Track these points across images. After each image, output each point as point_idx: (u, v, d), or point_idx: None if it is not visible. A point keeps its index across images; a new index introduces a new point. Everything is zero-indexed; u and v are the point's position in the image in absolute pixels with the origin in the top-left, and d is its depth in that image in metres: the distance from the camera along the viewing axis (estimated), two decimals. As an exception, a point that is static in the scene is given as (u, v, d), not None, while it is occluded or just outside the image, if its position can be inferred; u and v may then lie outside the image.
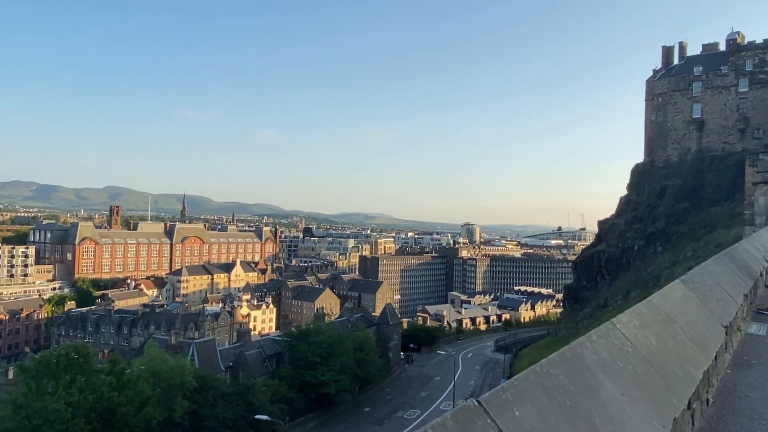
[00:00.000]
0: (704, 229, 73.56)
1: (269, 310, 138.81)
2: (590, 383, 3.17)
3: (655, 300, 5.14)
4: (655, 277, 65.92)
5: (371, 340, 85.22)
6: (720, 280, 7.69)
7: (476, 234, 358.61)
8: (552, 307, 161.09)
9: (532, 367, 2.94)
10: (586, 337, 3.68)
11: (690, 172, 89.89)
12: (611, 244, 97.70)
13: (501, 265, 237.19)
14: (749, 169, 29.06)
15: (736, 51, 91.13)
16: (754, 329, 8.49)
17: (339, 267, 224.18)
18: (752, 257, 11.39)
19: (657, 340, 4.41)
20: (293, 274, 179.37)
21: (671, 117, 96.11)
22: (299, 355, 71.29)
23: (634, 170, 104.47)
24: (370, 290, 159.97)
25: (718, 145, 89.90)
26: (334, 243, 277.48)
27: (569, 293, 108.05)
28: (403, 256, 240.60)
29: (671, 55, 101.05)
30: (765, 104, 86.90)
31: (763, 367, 6.62)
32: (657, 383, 3.81)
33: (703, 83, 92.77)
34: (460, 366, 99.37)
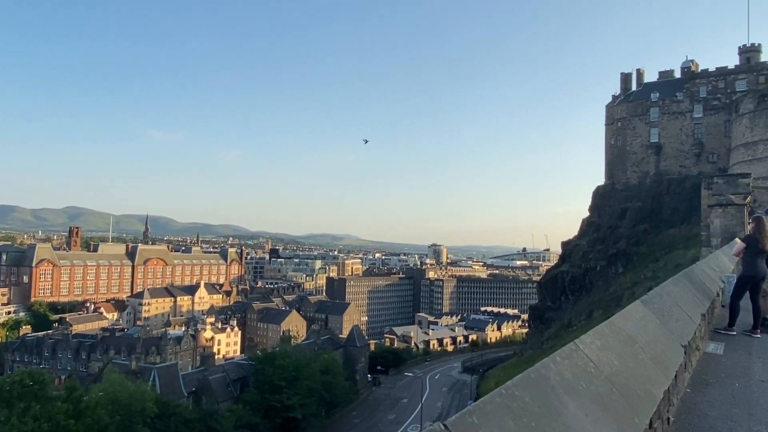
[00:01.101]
0: (663, 250, 75.56)
1: (234, 333, 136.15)
2: (555, 405, 3.21)
3: (616, 321, 5.24)
4: (617, 297, 67.24)
5: (338, 363, 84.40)
6: (678, 301, 7.90)
7: (443, 255, 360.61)
8: (518, 328, 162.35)
9: (497, 389, 2.97)
10: (550, 358, 3.73)
11: (649, 194, 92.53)
12: (574, 265, 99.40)
13: (467, 286, 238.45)
14: (705, 192, 30.09)
15: (690, 78, 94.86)
16: (712, 348, 8.73)
17: (306, 288, 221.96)
18: (709, 278, 11.74)
19: (619, 360, 4.49)
20: (259, 296, 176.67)
21: (630, 141, 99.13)
22: (264, 379, 70.00)
23: (595, 192, 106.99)
24: (337, 312, 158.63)
25: (675, 169, 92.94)
26: (300, 264, 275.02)
27: (534, 313, 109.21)
28: (370, 278, 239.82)
29: (629, 82, 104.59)
30: (718, 130, 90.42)
31: (721, 385, 6.80)
32: (619, 403, 3.88)
33: (660, 109, 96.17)
34: (427, 388, 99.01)
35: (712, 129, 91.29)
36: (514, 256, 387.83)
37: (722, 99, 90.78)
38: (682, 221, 79.76)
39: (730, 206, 28.10)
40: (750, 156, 79.71)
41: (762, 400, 6.25)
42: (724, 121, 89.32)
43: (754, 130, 79.97)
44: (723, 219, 27.66)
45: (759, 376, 7.27)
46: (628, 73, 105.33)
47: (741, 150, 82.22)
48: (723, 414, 5.76)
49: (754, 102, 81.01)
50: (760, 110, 79.52)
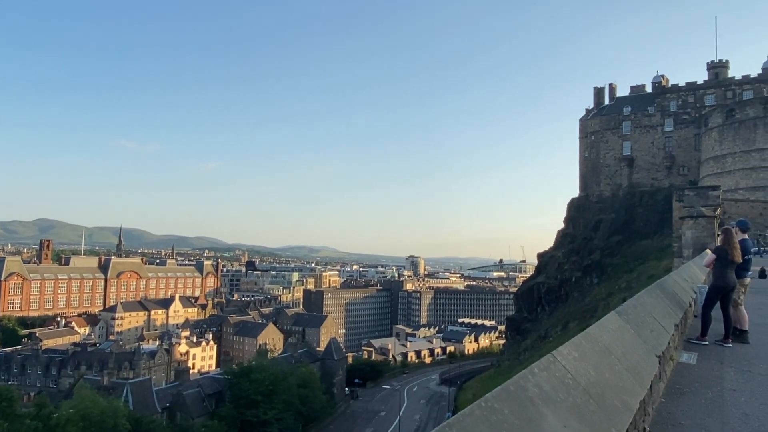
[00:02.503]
0: (637, 261, 76.77)
1: (209, 347, 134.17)
2: (533, 416, 3.22)
3: (592, 332, 5.30)
4: (592, 308, 68.02)
5: (315, 376, 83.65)
6: (652, 311, 8.02)
7: (420, 266, 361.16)
8: (495, 339, 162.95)
9: (477, 402, 2.97)
10: (528, 369, 3.75)
11: (622, 206, 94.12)
12: (550, 276, 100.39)
13: (445, 298, 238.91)
14: (676, 204, 30.75)
15: (661, 93, 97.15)
16: (685, 358, 8.87)
17: (283, 301, 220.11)
18: (681, 288, 11.96)
19: (595, 371, 4.53)
20: (235, 309, 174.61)
21: (603, 154, 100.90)
22: (240, 393, 69.02)
23: (570, 204, 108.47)
24: (315, 324, 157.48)
25: (647, 181, 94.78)
26: (277, 277, 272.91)
27: (511, 324, 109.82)
28: (348, 290, 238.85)
29: (602, 96, 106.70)
30: (689, 143, 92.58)
31: (695, 395, 6.91)
32: (597, 414, 3.91)
33: (632, 123, 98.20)
34: (405, 400, 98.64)
35: (682, 142, 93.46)
36: (491, 268, 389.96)
37: (692, 113, 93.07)
38: (655, 233, 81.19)
39: (700, 218, 28.75)
40: (719, 169, 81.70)
41: (734, 408, 6.36)
42: (694, 135, 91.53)
43: (723, 143, 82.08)
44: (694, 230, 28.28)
45: (731, 385, 7.39)
46: (601, 88, 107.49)
47: (710, 163, 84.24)
48: (697, 423, 5.85)
49: (722, 116, 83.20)
50: (728, 124, 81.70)
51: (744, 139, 79.07)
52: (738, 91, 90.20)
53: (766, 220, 60.51)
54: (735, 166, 79.52)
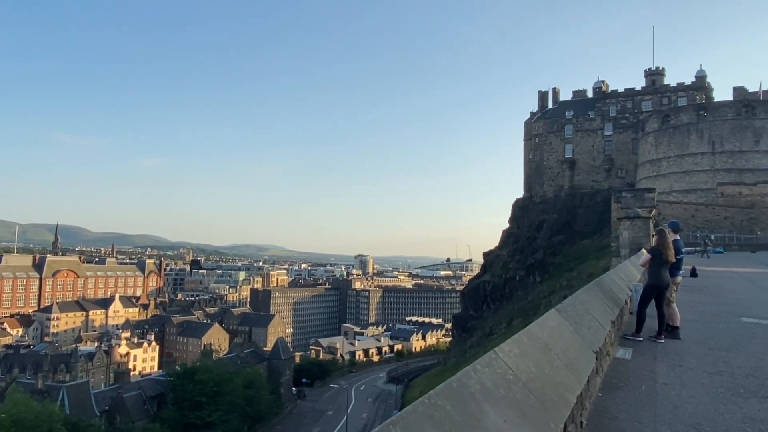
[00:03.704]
0: (577, 260, 79.30)
1: (151, 348, 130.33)
2: (475, 412, 3.29)
3: (533, 329, 5.44)
4: (535, 306, 69.85)
5: (262, 377, 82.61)
6: (590, 309, 8.31)
7: (369, 265, 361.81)
8: (442, 337, 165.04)
9: (420, 399, 3.01)
10: (471, 366, 3.82)
11: (564, 207, 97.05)
12: (495, 275, 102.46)
13: (393, 296, 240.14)
14: (614, 205, 32.01)
15: (601, 98, 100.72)
16: (621, 354, 9.24)
17: (229, 300, 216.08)
18: (618, 287, 12.44)
19: (536, 367, 4.66)
20: (179, 309, 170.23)
21: (547, 156, 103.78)
22: (184, 395, 67.49)
23: (515, 205, 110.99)
24: (262, 324, 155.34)
25: (587, 183, 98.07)
26: (223, 276, 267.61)
27: (458, 322, 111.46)
28: (296, 289, 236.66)
29: (546, 100, 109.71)
30: (627, 147, 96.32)
31: (630, 389, 7.20)
32: (536, 409, 4.02)
33: (574, 126, 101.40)
34: (353, 399, 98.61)
35: (620, 146, 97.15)
36: (439, 267, 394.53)
37: (630, 118, 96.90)
38: (595, 233, 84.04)
39: (637, 219, 30.01)
40: (655, 172, 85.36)
41: (666, 402, 6.67)
42: (631, 139, 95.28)
43: (659, 148, 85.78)
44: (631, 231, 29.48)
45: (663, 379, 7.74)
46: (545, 92, 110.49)
47: (647, 166, 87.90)
48: (631, 416, 6.10)
49: (658, 122, 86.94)
50: (664, 129, 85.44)
51: (678, 144, 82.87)
52: (673, 98, 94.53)
53: (698, 222, 63.67)
54: (669, 170, 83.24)
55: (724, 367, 8.44)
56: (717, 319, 13.27)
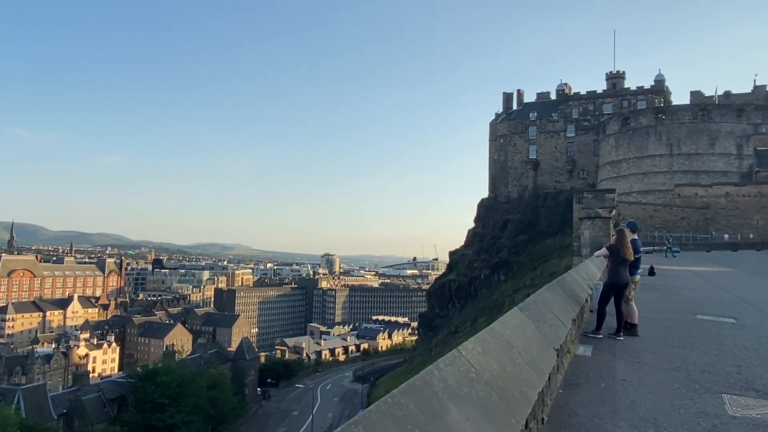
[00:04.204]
0: (540, 259, 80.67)
1: (111, 349, 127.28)
2: (438, 411, 3.31)
3: (496, 327, 5.51)
4: (499, 304, 70.77)
5: (226, 377, 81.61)
6: (552, 307, 8.46)
7: (336, 264, 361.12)
8: (408, 335, 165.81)
9: (383, 398, 3.02)
10: (434, 365, 3.85)
11: (528, 207, 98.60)
12: (461, 274, 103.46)
13: (360, 295, 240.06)
14: (576, 205, 32.70)
15: (564, 100, 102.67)
16: (581, 351, 9.43)
17: (192, 300, 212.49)
18: (579, 285, 12.70)
19: (498, 365, 4.71)
20: (140, 309, 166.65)
21: (511, 157, 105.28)
22: (145, 397, 66.25)
23: (480, 205, 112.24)
24: (226, 324, 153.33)
25: (550, 184, 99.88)
26: (187, 275, 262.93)
27: (423, 321, 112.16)
28: (261, 288, 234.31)
29: (511, 101, 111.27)
30: (588, 148, 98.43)
31: (589, 386, 7.36)
32: (498, 406, 4.07)
33: (537, 127, 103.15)
34: (318, 399, 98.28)
35: (582, 147, 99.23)
36: (405, 266, 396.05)
37: (591, 120, 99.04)
38: (557, 232, 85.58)
39: (597, 219, 30.73)
40: (615, 173, 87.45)
41: (624, 398, 6.83)
42: (593, 141, 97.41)
43: (619, 149, 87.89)
44: (592, 230, 30.17)
45: (622, 375, 7.93)
46: (510, 93, 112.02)
47: (608, 167, 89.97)
48: (591, 412, 6.23)
49: (618, 124, 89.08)
50: (624, 132, 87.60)
51: (637, 146, 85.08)
52: (633, 101, 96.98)
53: (656, 222, 65.48)
54: (629, 171, 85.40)
55: (680, 364, 8.69)
56: (674, 317, 13.67)
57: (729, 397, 6.83)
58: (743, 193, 68.48)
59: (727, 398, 6.76)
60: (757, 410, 6.33)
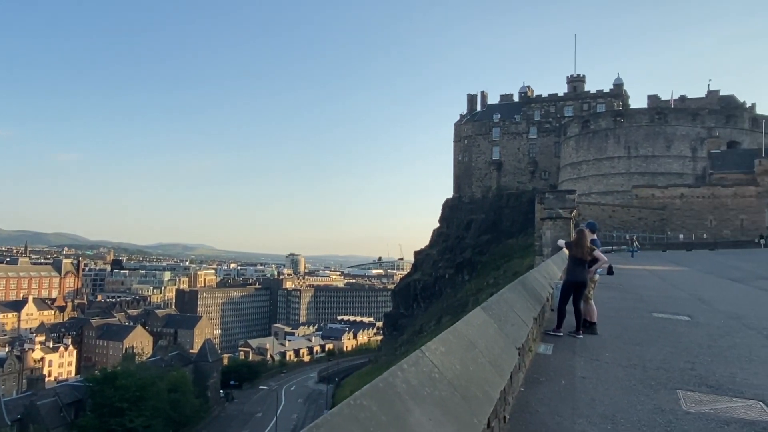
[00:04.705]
0: (503, 259, 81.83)
1: (68, 352, 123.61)
2: (401, 412, 3.31)
3: (459, 327, 5.55)
4: (464, 303, 71.48)
5: (187, 380, 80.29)
6: (514, 306, 8.58)
7: (301, 265, 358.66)
8: (373, 335, 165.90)
9: (346, 400, 3.01)
10: (397, 366, 3.85)
11: (491, 207, 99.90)
12: (426, 273, 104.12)
13: (325, 296, 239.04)
14: (538, 206, 33.32)
15: (527, 102, 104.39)
16: (542, 349, 9.60)
17: (153, 302, 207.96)
18: (540, 284, 12.92)
19: (461, 364, 4.74)
20: (99, 311, 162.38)
21: (475, 158, 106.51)
22: (104, 401, 64.76)
23: (444, 205, 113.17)
24: (188, 326, 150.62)
25: (513, 184, 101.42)
26: (147, 276, 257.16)
27: (388, 321, 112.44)
28: (224, 289, 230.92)
29: (475, 103, 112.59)
30: (550, 150, 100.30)
31: (550, 383, 7.49)
32: (460, 406, 4.10)
33: (500, 129, 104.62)
34: (282, 400, 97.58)
35: (544, 149, 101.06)
36: (370, 266, 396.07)
37: (553, 122, 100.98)
38: (520, 232, 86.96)
39: (558, 219, 31.37)
40: (575, 174, 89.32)
41: (584, 395, 6.97)
42: (554, 143, 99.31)
43: (579, 151, 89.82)
44: (553, 230, 30.78)
45: (581, 373, 8.10)
46: (474, 95, 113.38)
47: (568, 169, 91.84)
48: (551, 410, 6.34)
49: (578, 126, 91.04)
50: (584, 134, 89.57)
51: (597, 148, 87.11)
52: (593, 104, 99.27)
53: (614, 222, 67.14)
54: (589, 173, 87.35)
55: (637, 361, 8.92)
56: (631, 315, 14.03)
57: (684, 393, 7.04)
58: (697, 194, 70.83)
59: (682, 394, 6.97)
60: (710, 405, 6.55)
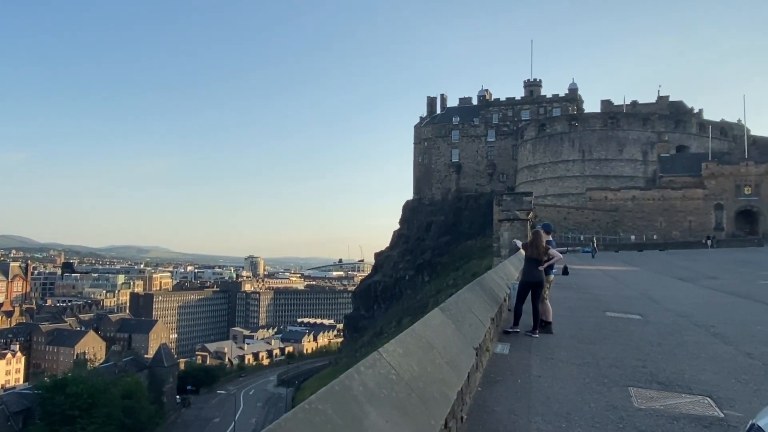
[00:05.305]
0: (463, 260, 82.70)
1: (16, 359, 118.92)
2: (357, 415, 3.27)
3: (417, 328, 5.54)
4: (424, 304, 71.88)
5: (142, 386, 78.34)
6: (472, 307, 8.64)
7: (260, 267, 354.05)
8: (333, 337, 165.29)
9: (300, 404, 2.95)
10: (354, 368, 3.80)
11: (451, 209, 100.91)
12: (386, 275, 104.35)
13: (285, 298, 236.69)
14: (496, 208, 33.82)
15: (485, 106, 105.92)
16: (500, 349, 9.71)
17: (106, 306, 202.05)
18: (498, 285, 13.08)
19: (418, 366, 4.73)
20: (48, 316, 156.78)
21: (435, 160, 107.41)
22: (54, 409, 62.66)
23: (405, 206, 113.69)
24: (143, 330, 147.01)
25: (472, 186, 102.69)
26: (100, 279, 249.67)
27: (349, 322, 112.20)
28: (181, 292, 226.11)
29: (435, 105, 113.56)
30: (507, 153, 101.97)
31: (507, 383, 7.58)
32: (417, 407, 4.08)
33: (460, 132, 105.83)
34: (241, 404, 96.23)
35: (502, 152, 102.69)
36: (331, 267, 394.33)
37: (510, 126, 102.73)
38: (478, 234, 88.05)
39: (516, 221, 31.90)
40: (532, 177, 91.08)
41: (539, 393, 7.08)
42: (512, 146, 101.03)
43: (536, 154, 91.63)
44: (510, 232, 31.28)
45: (537, 372, 8.22)
46: (434, 98, 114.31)
47: (525, 171, 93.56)
48: (507, 409, 6.41)
49: (535, 130, 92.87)
50: (540, 137, 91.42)
51: (552, 152, 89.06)
52: (549, 108, 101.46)
53: (569, 224, 68.73)
54: (545, 175, 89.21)
55: (591, 359, 9.11)
56: (585, 314, 14.36)
57: (635, 390, 7.22)
58: (648, 197, 73.20)
59: (633, 391, 7.15)
60: (660, 402, 6.74)
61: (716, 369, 8.38)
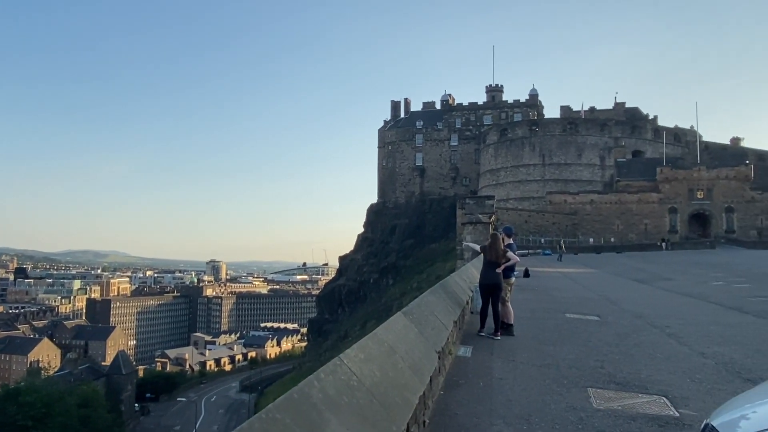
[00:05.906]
0: (426, 263, 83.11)
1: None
2: (317, 423, 3.20)
3: (379, 332, 5.49)
4: (388, 308, 71.91)
5: (99, 394, 76.22)
6: (435, 310, 8.64)
7: (222, 271, 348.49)
8: (297, 342, 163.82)
9: (257, 414, 2.88)
10: (314, 375, 3.73)
11: (415, 212, 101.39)
12: (351, 278, 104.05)
13: (248, 303, 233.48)
14: (459, 211, 34.17)
15: (448, 110, 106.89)
16: (462, 352, 9.75)
17: (61, 312, 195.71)
18: (461, 288, 13.16)
19: (380, 371, 4.68)
20: (0, 323, 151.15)
21: (399, 163, 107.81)
22: (5, 419, 60.67)
23: (369, 210, 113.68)
24: (100, 337, 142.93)
25: (436, 190, 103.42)
26: (55, 285, 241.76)
27: (313, 326, 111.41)
28: (140, 297, 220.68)
29: (398, 109, 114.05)
30: (470, 157, 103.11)
31: (468, 386, 7.60)
32: (379, 413, 4.04)
33: (423, 135, 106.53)
34: (202, 412, 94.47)
35: (465, 156, 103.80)
36: (295, 271, 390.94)
37: (473, 130, 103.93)
38: (442, 237, 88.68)
39: (478, 224, 32.29)
40: (494, 181, 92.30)
41: (500, 396, 7.11)
42: (474, 150, 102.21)
43: (498, 158, 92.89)
44: (473, 235, 31.64)
45: (498, 374, 8.27)
46: (398, 101, 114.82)
47: (488, 175, 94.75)
48: (469, 412, 6.42)
49: (497, 135, 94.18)
50: (502, 142, 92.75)
51: (514, 156, 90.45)
52: (510, 113, 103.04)
53: (530, 227, 69.84)
54: (507, 179, 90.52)
55: (551, 360, 9.22)
56: (545, 316, 14.57)
57: (594, 390, 7.33)
58: (605, 200, 75.01)
59: (592, 392, 7.25)
60: (618, 402, 6.85)
61: (671, 369, 8.57)
